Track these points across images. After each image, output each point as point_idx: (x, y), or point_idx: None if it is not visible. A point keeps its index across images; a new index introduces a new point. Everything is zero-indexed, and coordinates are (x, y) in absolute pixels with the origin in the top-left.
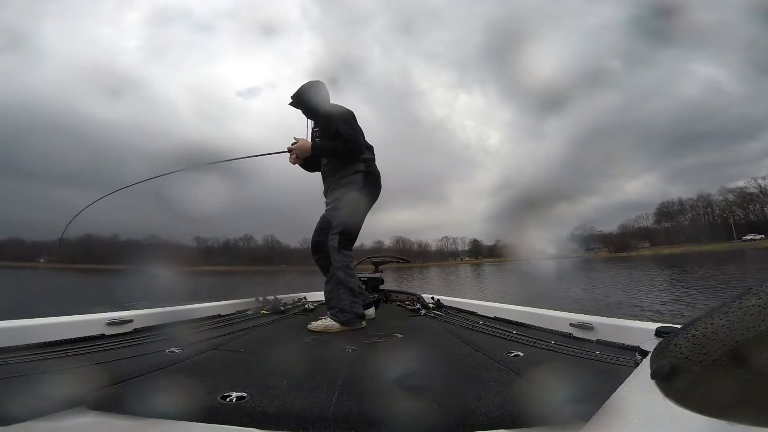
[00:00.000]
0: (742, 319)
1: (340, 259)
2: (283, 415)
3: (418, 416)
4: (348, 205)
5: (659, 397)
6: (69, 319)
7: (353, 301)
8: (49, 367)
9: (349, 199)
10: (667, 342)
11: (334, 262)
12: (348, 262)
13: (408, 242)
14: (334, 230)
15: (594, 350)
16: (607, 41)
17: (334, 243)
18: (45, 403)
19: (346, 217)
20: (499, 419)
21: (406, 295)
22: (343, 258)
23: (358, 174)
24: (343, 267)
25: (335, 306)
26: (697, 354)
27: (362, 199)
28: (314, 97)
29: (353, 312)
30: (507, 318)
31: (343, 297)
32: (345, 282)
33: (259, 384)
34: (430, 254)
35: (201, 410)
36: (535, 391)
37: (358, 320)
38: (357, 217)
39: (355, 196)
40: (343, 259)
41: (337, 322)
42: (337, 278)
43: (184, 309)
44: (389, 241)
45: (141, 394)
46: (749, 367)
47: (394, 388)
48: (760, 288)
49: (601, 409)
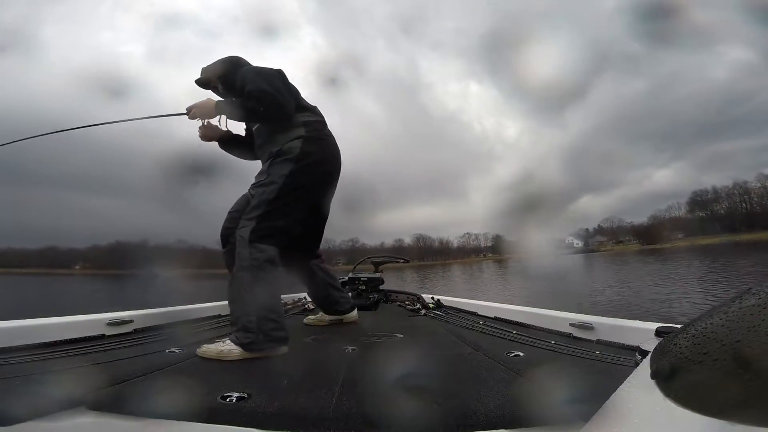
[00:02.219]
0: (742, 318)
1: (248, 256)
2: (283, 415)
3: (418, 416)
4: (276, 180)
5: (659, 397)
6: (69, 319)
7: (266, 318)
8: (49, 367)
9: (279, 173)
10: (667, 342)
11: (239, 259)
12: (263, 261)
13: (429, 240)
14: (249, 215)
15: (594, 350)
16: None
17: (244, 233)
18: (45, 403)
19: (269, 198)
20: (499, 419)
21: (406, 295)
22: (255, 253)
23: (296, 140)
24: (251, 267)
25: (237, 321)
26: (697, 354)
27: (302, 173)
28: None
29: (263, 332)
30: (507, 318)
31: (248, 309)
32: (251, 288)
33: (259, 384)
34: (452, 251)
35: (201, 410)
36: (535, 391)
37: (270, 345)
38: (291, 197)
39: (287, 169)
40: (253, 256)
41: (238, 345)
42: (241, 282)
43: (184, 309)
44: (409, 239)
45: (141, 394)
46: (749, 367)
47: (394, 388)
48: (759, 288)
49: (601, 409)
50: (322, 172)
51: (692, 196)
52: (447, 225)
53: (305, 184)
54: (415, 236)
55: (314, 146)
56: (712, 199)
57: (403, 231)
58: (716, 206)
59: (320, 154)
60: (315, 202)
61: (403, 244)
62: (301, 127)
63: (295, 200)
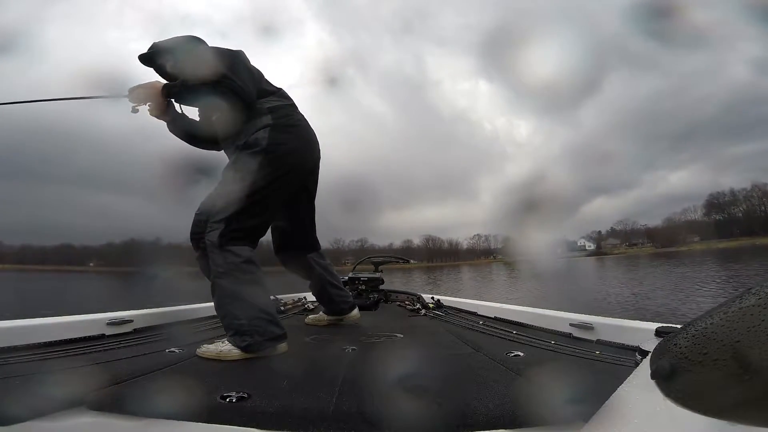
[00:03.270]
0: (741, 318)
1: (222, 262)
2: (283, 415)
3: (418, 416)
4: (244, 176)
5: (659, 397)
6: (69, 319)
7: (256, 318)
8: (49, 367)
9: (246, 168)
10: (667, 342)
11: (215, 266)
12: (240, 263)
13: (438, 241)
14: (216, 217)
15: (594, 350)
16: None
17: (213, 237)
18: (45, 403)
19: (237, 197)
20: (499, 419)
21: (406, 295)
22: (230, 257)
23: (263, 130)
24: (227, 272)
25: (229, 326)
26: (697, 354)
27: (273, 166)
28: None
29: (258, 333)
30: (507, 318)
31: (237, 313)
32: (234, 292)
33: (259, 384)
34: (462, 253)
35: (201, 410)
36: (535, 391)
37: (268, 344)
38: (261, 194)
39: (255, 162)
40: (228, 260)
41: (236, 347)
42: (222, 288)
43: (184, 309)
44: (419, 240)
45: (141, 394)
46: (749, 367)
47: (394, 388)
48: (759, 288)
49: (601, 409)
50: (294, 162)
51: (709, 198)
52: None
53: (277, 178)
54: (425, 237)
55: (283, 134)
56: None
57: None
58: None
59: (292, 143)
60: (291, 196)
61: (411, 245)
62: (267, 115)
63: (266, 197)
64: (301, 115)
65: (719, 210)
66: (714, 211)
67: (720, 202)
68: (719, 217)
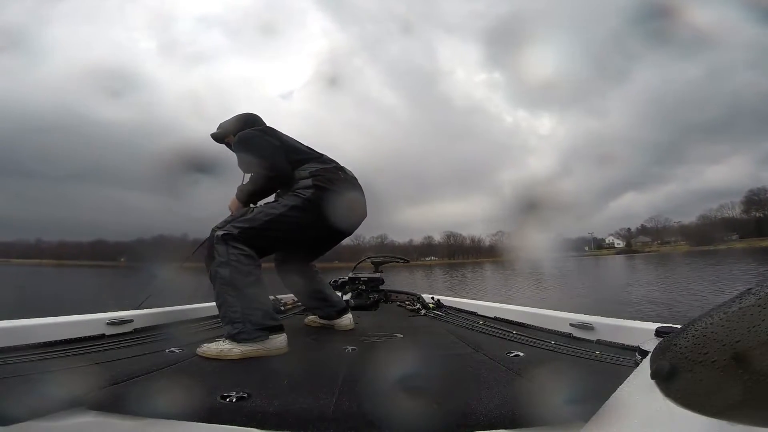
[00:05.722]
0: (741, 318)
1: (224, 252)
2: (283, 415)
3: (418, 416)
4: (279, 208)
5: (659, 397)
6: (69, 319)
7: (250, 308)
8: (49, 367)
9: (285, 202)
10: (667, 342)
11: (217, 255)
12: (241, 256)
13: (459, 237)
14: (238, 222)
15: (594, 350)
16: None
17: (221, 233)
18: (45, 403)
19: (264, 219)
20: (499, 419)
21: (406, 295)
22: (232, 250)
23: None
24: (227, 262)
25: (225, 316)
26: (697, 354)
27: (305, 213)
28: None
29: (250, 321)
30: (507, 318)
31: (233, 302)
32: (233, 281)
33: (259, 384)
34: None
35: (201, 410)
36: (535, 391)
37: (259, 334)
38: (282, 230)
39: (294, 202)
40: (229, 252)
41: (228, 339)
42: (221, 277)
43: (184, 309)
44: (439, 236)
45: (141, 394)
46: (749, 367)
47: (394, 388)
48: (759, 288)
49: (601, 409)
50: (325, 222)
51: (748, 194)
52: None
53: (302, 225)
54: (446, 234)
55: (325, 194)
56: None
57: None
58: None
59: (328, 209)
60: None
61: (432, 242)
62: (308, 179)
63: (285, 234)
64: (347, 176)
65: (760, 207)
66: (754, 207)
67: (761, 199)
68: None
